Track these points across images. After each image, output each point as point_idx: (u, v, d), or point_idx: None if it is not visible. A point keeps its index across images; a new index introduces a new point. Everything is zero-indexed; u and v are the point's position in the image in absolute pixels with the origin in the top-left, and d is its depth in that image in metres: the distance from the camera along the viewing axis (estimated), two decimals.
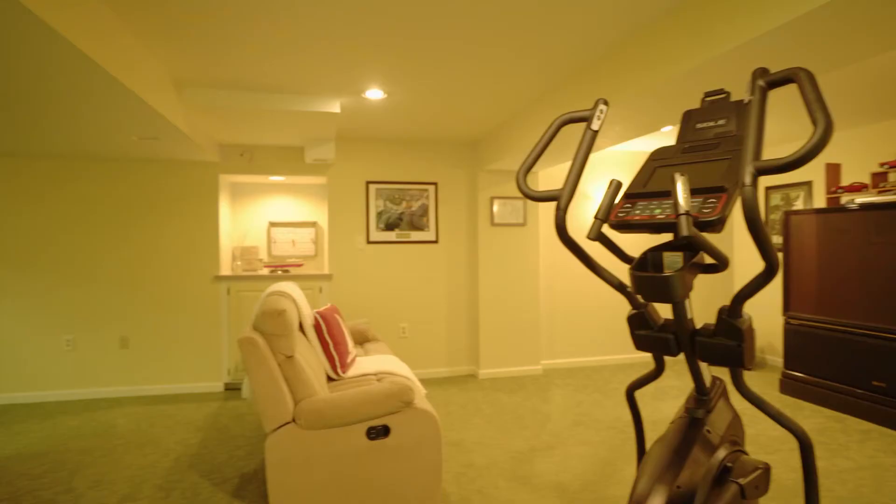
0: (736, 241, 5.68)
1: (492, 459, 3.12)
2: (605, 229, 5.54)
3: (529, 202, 5.07)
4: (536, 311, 5.11)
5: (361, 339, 4.06)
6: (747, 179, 1.10)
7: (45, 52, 2.06)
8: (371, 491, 2.45)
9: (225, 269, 4.77)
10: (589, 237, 1.36)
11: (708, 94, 1.49)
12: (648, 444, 3.20)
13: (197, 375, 4.60)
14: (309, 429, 2.40)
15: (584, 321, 5.42)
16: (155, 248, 4.53)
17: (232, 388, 4.66)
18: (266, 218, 5.11)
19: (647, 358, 5.59)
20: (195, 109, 3.50)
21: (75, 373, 4.41)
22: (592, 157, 5.41)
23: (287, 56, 2.85)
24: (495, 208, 5.00)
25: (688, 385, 4.60)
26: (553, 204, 5.41)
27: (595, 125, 1.53)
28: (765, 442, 3.32)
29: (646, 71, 2.54)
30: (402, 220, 4.95)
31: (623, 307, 5.49)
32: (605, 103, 1.54)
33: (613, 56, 2.81)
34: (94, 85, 2.47)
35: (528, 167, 1.63)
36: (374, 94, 3.53)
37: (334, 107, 3.62)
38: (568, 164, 5.35)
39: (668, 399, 4.21)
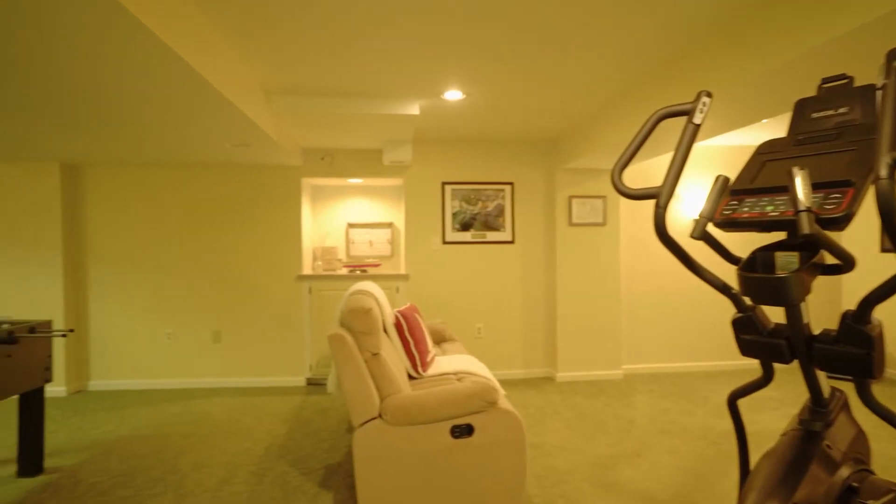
0: (845, 241, 5.20)
1: (574, 464, 3.03)
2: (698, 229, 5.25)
3: (610, 201, 4.91)
4: (617, 313, 4.93)
5: (439, 339, 4.09)
6: (883, 172, 0.99)
7: (160, 70, 2.22)
8: (455, 489, 2.45)
9: (306, 269, 4.97)
10: (693, 236, 1.29)
11: (826, 81, 1.36)
12: (753, 458, 2.98)
13: (281, 370, 4.82)
14: (395, 425, 2.43)
15: (669, 325, 5.16)
16: (243, 248, 4.80)
17: (313, 384, 4.84)
18: (344, 219, 5.28)
19: (737, 366, 5.24)
20: (282, 116, 3.67)
21: (174, 364, 4.76)
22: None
23: (369, 62, 2.92)
24: (574, 208, 4.88)
25: (788, 396, 4.27)
26: (639, 203, 5.19)
27: (697, 118, 1.45)
28: (887, 463, 3.00)
29: (746, 59, 2.37)
30: (477, 221, 4.94)
31: (712, 311, 5.18)
32: (709, 95, 1.45)
33: (705, 44, 2.65)
34: (199, 96, 2.64)
35: (624, 164, 1.56)
36: (453, 95, 3.54)
37: (413, 109, 3.67)
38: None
39: (765, 411, 3.92)
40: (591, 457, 3.14)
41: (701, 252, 4.91)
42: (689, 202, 5.14)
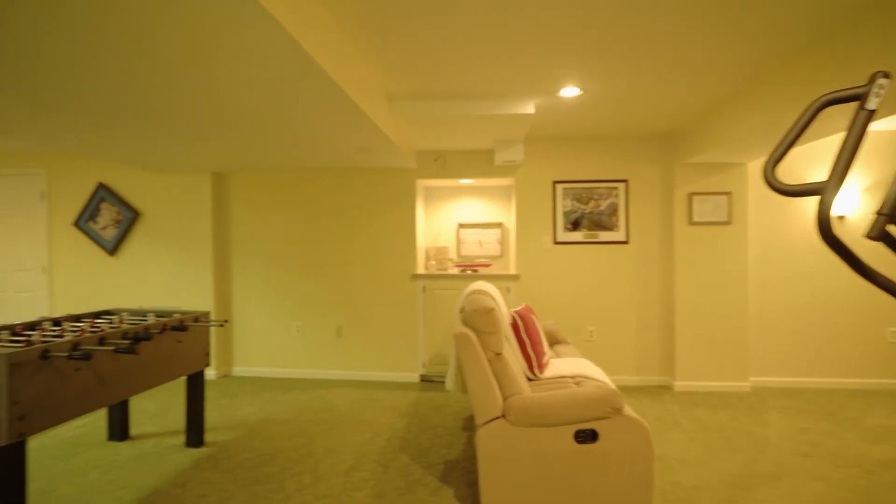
0: None
1: (702, 480, 2.87)
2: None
3: (736, 198, 4.56)
4: (744, 320, 4.57)
5: (552, 341, 4.06)
6: None
7: (302, 80, 2.44)
8: (578, 494, 2.43)
9: (420, 269, 5.16)
10: (870, 236, 1.18)
11: None
12: None
13: (396, 365, 5.06)
14: (517, 425, 2.47)
15: (807, 336, 4.69)
16: (363, 247, 5.10)
17: (427, 381, 5.03)
18: (455, 219, 5.41)
19: (892, 385, 4.62)
20: (401, 120, 3.85)
21: (303, 355, 5.18)
22: (817, 143, 4.65)
23: (487, 64, 2.97)
24: (694, 205, 4.60)
25: None
26: (773, 199, 4.76)
27: (872, 104, 1.31)
28: None
29: None
30: (589, 220, 4.83)
31: (863, 322, 4.62)
32: (886, 76, 1.31)
33: (863, 18, 2.37)
34: (334, 104, 2.85)
35: (778, 159, 1.46)
36: (570, 91, 3.49)
37: (528, 108, 3.67)
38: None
39: None
40: (720, 474, 2.95)
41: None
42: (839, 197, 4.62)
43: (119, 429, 3.51)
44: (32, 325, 2.94)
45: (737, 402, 4.27)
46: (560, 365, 3.30)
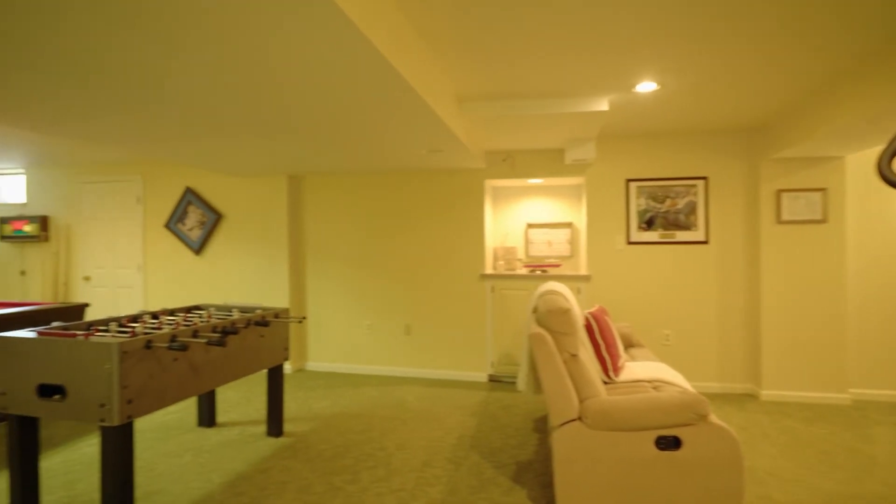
0: None
1: (797, 497, 2.67)
2: None
3: (832, 194, 4.21)
4: (841, 326, 4.22)
5: (625, 344, 3.93)
6: None
7: (380, 83, 2.50)
8: (659, 503, 2.33)
9: (488, 269, 5.15)
10: None
11: None
12: None
13: (464, 365, 5.08)
14: (595, 429, 2.40)
15: None
16: (432, 248, 5.16)
17: (495, 381, 5.01)
18: (523, 219, 5.35)
19: None
20: (472, 121, 3.86)
21: (373, 352, 5.32)
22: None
23: (560, 63, 2.92)
24: (784, 203, 4.30)
25: None
26: (879, 195, 4.37)
27: None
28: None
29: None
30: (665, 219, 4.63)
31: None
32: None
33: None
34: (409, 107, 2.90)
35: (895, 152, 1.34)
36: (646, 86, 3.37)
37: (602, 105, 3.58)
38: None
39: None
40: (818, 493, 2.73)
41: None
42: None
43: (207, 416, 3.74)
44: (135, 318, 3.20)
45: (835, 415, 3.95)
46: (636, 368, 3.19)
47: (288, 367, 5.34)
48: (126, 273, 6.04)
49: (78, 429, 3.71)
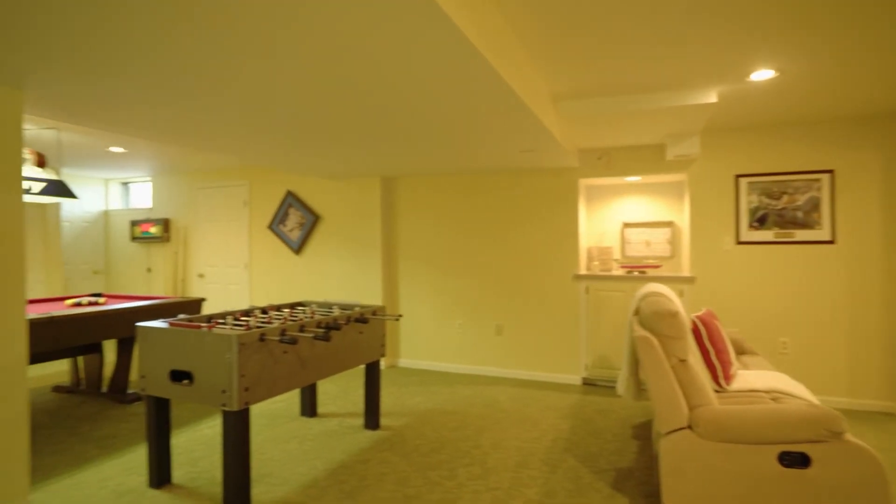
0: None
1: None
2: None
3: None
4: None
5: (737, 351, 3.65)
6: None
7: (477, 83, 2.50)
8: None
9: (582, 269, 5.01)
10: None
11: None
12: None
13: (557, 367, 4.97)
14: (707, 439, 2.25)
15: None
16: (524, 248, 5.10)
17: (589, 384, 4.86)
18: (619, 218, 5.15)
19: None
20: (566, 120, 3.77)
21: (464, 351, 5.36)
22: None
23: (663, 55, 2.76)
24: None
25: None
26: None
27: None
28: None
29: None
30: (781, 217, 4.25)
31: None
32: None
33: None
34: (507, 107, 2.89)
35: None
36: (762, 74, 3.11)
37: (710, 97, 3.36)
38: None
39: None
40: None
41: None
42: None
43: (309, 406, 3.95)
44: (246, 313, 3.45)
45: None
46: (750, 377, 2.95)
47: (381, 364, 5.52)
48: (234, 271, 6.55)
49: (198, 412, 4.07)
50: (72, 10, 1.69)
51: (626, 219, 5.12)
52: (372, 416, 3.67)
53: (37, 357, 4.01)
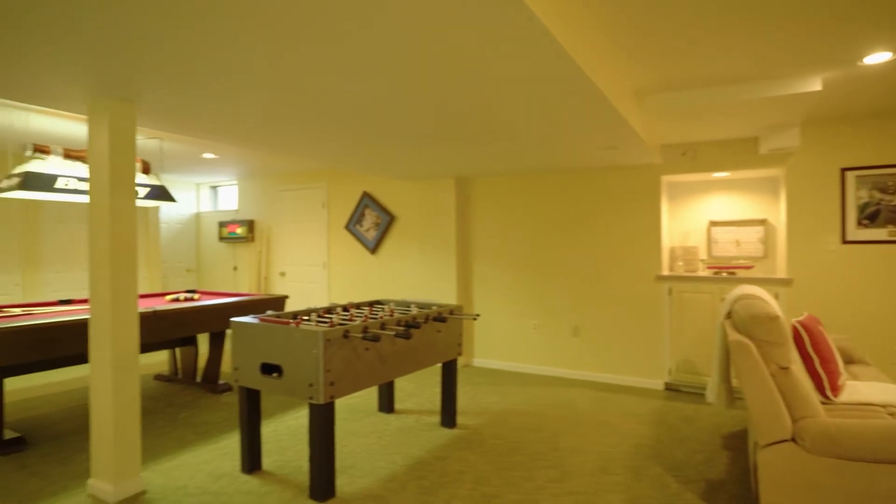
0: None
1: None
2: None
3: None
4: None
5: (844, 360, 3.36)
6: None
7: (561, 80, 2.45)
8: None
9: (664, 270, 4.79)
10: None
11: None
12: None
13: (637, 370, 4.79)
14: (814, 453, 2.08)
15: None
16: (603, 248, 4.96)
17: (672, 389, 4.64)
18: (705, 217, 4.88)
19: None
20: (649, 115, 3.61)
21: (539, 352, 5.28)
22: None
23: (758, 39, 2.58)
24: None
25: None
26: None
27: None
28: None
29: None
30: (894, 214, 3.85)
31: None
32: None
33: None
34: (589, 103, 2.81)
35: None
36: (877, 57, 2.82)
37: (813, 85, 3.10)
38: None
39: None
40: None
41: None
42: None
43: (387, 403, 4.04)
44: (328, 310, 3.58)
45: None
46: (863, 389, 2.70)
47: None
48: (313, 269, 6.83)
49: (282, 404, 4.27)
50: (184, 32, 1.82)
51: (713, 217, 4.83)
52: (449, 415, 3.70)
53: (142, 347, 4.38)
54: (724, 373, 2.88)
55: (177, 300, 4.64)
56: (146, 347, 4.44)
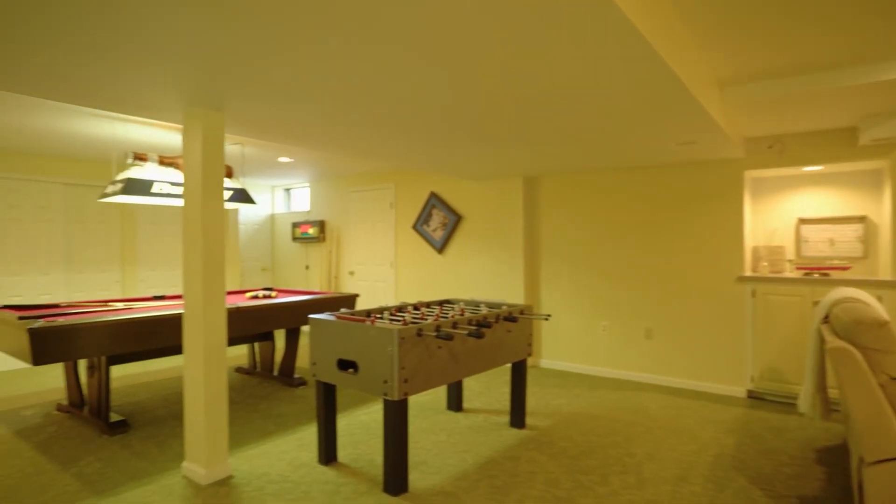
0: None
1: None
2: None
3: None
4: None
5: None
6: None
7: (647, 77, 2.37)
8: None
9: (747, 270, 4.52)
10: None
11: None
12: None
13: (716, 376, 4.55)
14: None
15: None
16: (678, 248, 4.75)
17: (755, 397, 4.37)
18: (792, 214, 4.55)
19: None
20: (734, 106, 3.42)
21: (609, 354, 5.14)
22: None
23: (859, 17, 2.36)
24: None
25: None
26: None
27: None
28: None
29: None
30: None
31: None
32: None
33: None
34: (670, 98, 2.70)
35: None
36: None
37: None
38: None
39: None
40: None
41: None
42: None
43: (456, 401, 4.07)
44: (400, 308, 3.65)
45: None
46: None
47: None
48: (381, 269, 6.99)
49: (355, 399, 4.41)
50: (272, 42, 1.92)
51: (803, 214, 4.50)
52: (518, 415, 3.68)
53: (227, 341, 4.65)
54: (819, 382, 2.68)
55: (256, 297, 4.89)
56: (230, 341, 4.71)
